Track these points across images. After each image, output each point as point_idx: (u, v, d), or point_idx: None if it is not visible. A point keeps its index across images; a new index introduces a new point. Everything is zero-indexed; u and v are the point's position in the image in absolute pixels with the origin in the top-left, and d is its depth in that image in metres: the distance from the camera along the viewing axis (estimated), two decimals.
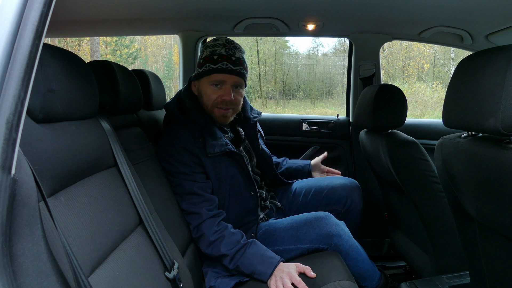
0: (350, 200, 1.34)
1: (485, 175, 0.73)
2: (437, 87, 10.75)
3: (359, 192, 1.37)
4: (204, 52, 1.12)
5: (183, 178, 1.08)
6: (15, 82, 0.38)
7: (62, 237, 0.51)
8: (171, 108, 1.17)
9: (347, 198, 1.34)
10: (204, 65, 1.11)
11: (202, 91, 1.14)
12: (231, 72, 1.10)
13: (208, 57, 1.10)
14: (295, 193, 1.41)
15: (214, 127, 1.12)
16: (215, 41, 1.12)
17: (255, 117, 1.30)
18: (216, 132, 1.12)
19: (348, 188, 1.35)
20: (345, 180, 1.39)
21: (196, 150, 1.09)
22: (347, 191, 1.35)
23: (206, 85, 1.12)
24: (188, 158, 1.08)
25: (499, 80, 0.64)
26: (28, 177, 0.42)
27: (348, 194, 1.34)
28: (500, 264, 0.83)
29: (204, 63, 1.11)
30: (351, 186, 1.36)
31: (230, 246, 1.02)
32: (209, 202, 1.08)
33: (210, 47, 1.12)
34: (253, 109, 1.31)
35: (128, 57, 12.20)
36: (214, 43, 1.12)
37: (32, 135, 0.57)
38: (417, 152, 1.14)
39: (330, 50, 12.29)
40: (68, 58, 0.68)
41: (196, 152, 1.09)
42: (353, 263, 1.12)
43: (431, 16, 1.44)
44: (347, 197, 1.34)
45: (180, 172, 1.08)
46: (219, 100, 1.12)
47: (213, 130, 1.11)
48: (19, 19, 0.39)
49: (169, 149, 1.10)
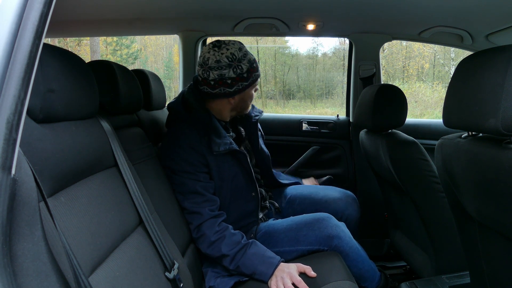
0: (346, 215, 1.31)
1: (485, 175, 0.73)
2: (437, 87, 10.75)
3: (355, 205, 1.34)
4: (242, 65, 1.09)
5: (187, 177, 1.08)
6: (15, 82, 0.38)
7: (62, 237, 0.51)
8: (176, 108, 1.17)
9: (342, 213, 1.30)
10: (250, 77, 1.11)
11: (245, 98, 1.17)
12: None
13: (250, 68, 1.11)
14: (289, 199, 1.39)
15: (219, 126, 1.13)
16: (240, 50, 1.10)
17: (256, 115, 1.29)
18: (221, 131, 1.12)
19: (343, 203, 1.32)
20: (340, 194, 1.35)
21: (202, 148, 1.09)
22: (342, 206, 1.31)
23: (250, 91, 1.16)
24: (194, 157, 1.08)
25: (499, 80, 0.64)
26: (28, 177, 0.42)
27: (343, 209, 1.31)
28: (500, 264, 0.83)
29: (249, 75, 1.11)
30: (346, 200, 1.33)
31: (231, 247, 1.02)
32: (211, 202, 1.08)
33: (243, 58, 1.10)
34: (255, 108, 1.31)
35: (129, 57, 12.20)
36: (242, 52, 1.10)
37: (32, 135, 0.57)
38: (417, 152, 1.14)
39: (330, 50, 12.29)
40: (68, 58, 0.68)
41: (202, 150, 1.09)
42: (353, 264, 1.12)
43: (431, 16, 1.44)
44: (342, 212, 1.30)
45: (184, 171, 1.08)
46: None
47: (218, 128, 1.12)
48: (19, 19, 0.39)
49: (174, 147, 1.10)
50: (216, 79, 1.09)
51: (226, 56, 1.08)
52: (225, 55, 1.08)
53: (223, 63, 1.07)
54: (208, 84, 1.11)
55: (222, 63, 1.07)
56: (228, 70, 1.08)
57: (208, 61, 1.08)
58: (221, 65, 1.08)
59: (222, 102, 1.15)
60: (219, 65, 1.08)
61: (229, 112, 1.19)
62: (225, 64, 1.07)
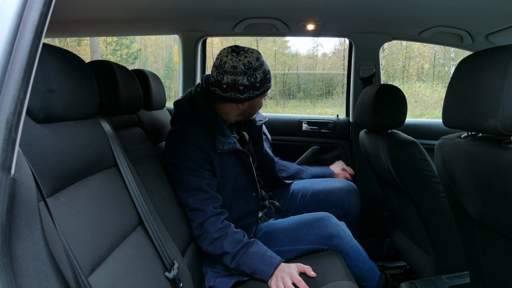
0: (348, 203, 1.34)
1: (485, 175, 0.73)
2: (437, 87, 10.75)
3: (356, 195, 1.38)
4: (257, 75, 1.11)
5: (190, 174, 1.08)
6: (15, 82, 0.38)
7: (62, 237, 0.51)
8: (182, 105, 1.18)
9: (345, 201, 1.34)
10: (262, 87, 1.13)
11: (254, 105, 1.20)
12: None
13: (264, 79, 1.12)
14: (292, 194, 1.41)
15: (224, 126, 1.14)
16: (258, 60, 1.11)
17: (260, 120, 1.32)
18: (225, 130, 1.14)
19: (345, 192, 1.36)
20: (342, 184, 1.39)
21: (206, 146, 1.10)
22: (344, 195, 1.35)
23: (259, 100, 1.19)
24: (198, 155, 1.09)
25: (499, 80, 0.64)
26: (28, 177, 0.42)
27: (345, 197, 1.35)
28: (500, 264, 0.83)
29: (261, 85, 1.13)
30: (348, 189, 1.37)
31: (233, 244, 1.02)
32: (214, 200, 1.09)
33: (259, 68, 1.11)
34: (259, 113, 1.34)
35: (128, 57, 12.20)
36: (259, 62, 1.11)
37: (32, 135, 0.57)
38: (417, 152, 1.14)
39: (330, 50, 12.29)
40: (68, 58, 0.68)
41: (206, 148, 1.10)
42: (353, 264, 1.12)
43: (431, 16, 1.44)
44: (344, 201, 1.34)
45: (188, 168, 1.09)
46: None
47: (223, 128, 1.13)
48: (19, 19, 0.39)
49: (179, 144, 1.10)
50: (229, 83, 1.10)
51: (243, 63, 1.09)
52: (242, 62, 1.09)
53: (239, 70, 1.09)
54: (220, 86, 1.12)
55: (238, 69, 1.09)
56: (242, 77, 1.09)
57: (224, 65, 1.09)
58: (236, 71, 1.09)
59: (231, 106, 1.17)
60: (235, 70, 1.09)
61: (236, 116, 1.21)
62: (240, 71, 1.09)
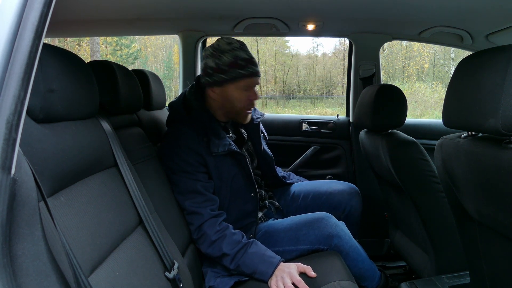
0: (349, 206, 1.33)
1: (485, 175, 0.73)
2: (437, 87, 10.75)
3: (358, 198, 1.37)
4: (223, 57, 1.08)
5: (186, 177, 1.08)
6: (15, 82, 0.38)
7: (62, 237, 0.51)
8: (176, 107, 1.17)
9: (346, 204, 1.33)
10: (229, 71, 1.08)
11: (228, 96, 1.12)
12: (257, 75, 1.13)
13: (233, 63, 1.08)
14: (293, 196, 1.40)
15: (218, 127, 1.13)
16: (230, 45, 1.09)
17: (258, 117, 1.30)
18: (220, 132, 1.12)
19: (346, 194, 1.35)
20: (344, 186, 1.38)
21: (200, 149, 1.09)
22: (346, 197, 1.34)
23: (233, 90, 1.11)
24: (192, 157, 1.08)
25: (499, 80, 0.64)
26: (28, 177, 0.42)
27: (347, 200, 1.34)
28: (500, 264, 0.83)
29: (229, 69, 1.08)
30: (350, 192, 1.36)
31: (232, 246, 1.02)
32: (211, 202, 1.08)
33: (228, 51, 1.08)
34: (256, 110, 1.32)
35: (129, 57, 12.21)
36: (230, 47, 1.09)
37: (32, 135, 0.57)
38: (417, 152, 1.14)
39: (330, 50, 12.29)
40: (68, 58, 0.68)
41: (200, 151, 1.09)
42: (353, 264, 1.12)
43: (431, 16, 1.44)
44: (346, 203, 1.33)
45: (183, 171, 1.08)
46: (248, 102, 1.15)
47: (217, 129, 1.12)
48: (19, 19, 0.39)
49: (173, 147, 1.10)
50: (202, 68, 1.13)
51: (212, 46, 1.11)
52: (212, 45, 1.11)
53: (208, 52, 1.11)
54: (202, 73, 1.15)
55: (207, 52, 1.11)
56: (210, 59, 1.10)
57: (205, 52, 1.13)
58: (206, 54, 1.11)
59: (208, 95, 1.16)
60: (206, 53, 1.12)
61: (219, 109, 1.17)
62: (209, 53, 1.11)
